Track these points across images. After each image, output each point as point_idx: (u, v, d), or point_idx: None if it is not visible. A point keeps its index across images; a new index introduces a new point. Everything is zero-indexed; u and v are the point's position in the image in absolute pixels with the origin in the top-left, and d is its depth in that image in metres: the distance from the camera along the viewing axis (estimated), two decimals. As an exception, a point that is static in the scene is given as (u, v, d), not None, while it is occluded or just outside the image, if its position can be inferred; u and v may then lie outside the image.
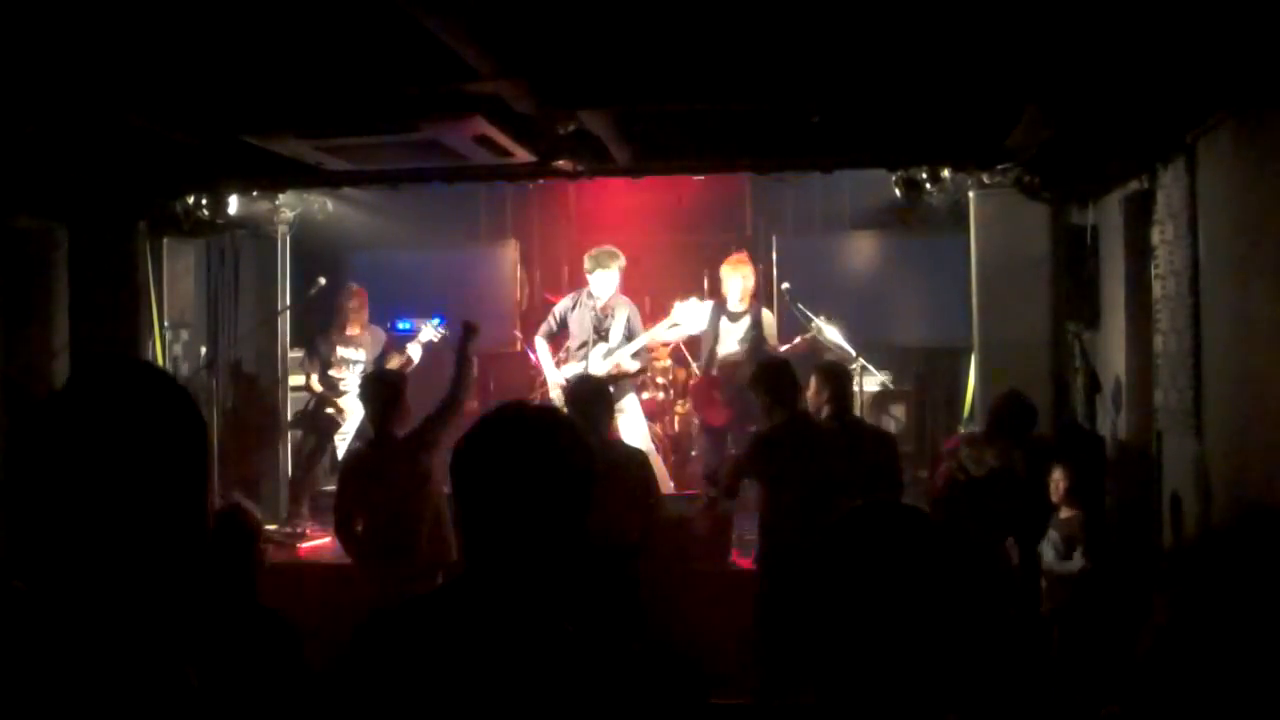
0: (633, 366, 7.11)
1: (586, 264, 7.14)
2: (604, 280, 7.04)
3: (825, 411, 5.19)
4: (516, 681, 1.47)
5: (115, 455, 1.25)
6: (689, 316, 7.11)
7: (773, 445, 5.02)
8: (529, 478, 1.57)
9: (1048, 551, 5.22)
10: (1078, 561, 5.14)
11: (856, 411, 6.03)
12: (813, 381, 5.31)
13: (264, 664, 3.06)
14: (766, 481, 4.99)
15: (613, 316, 7.09)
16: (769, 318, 7.27)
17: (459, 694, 1.49)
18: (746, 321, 7.18)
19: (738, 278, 7.17)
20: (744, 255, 7.43)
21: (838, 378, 5.35)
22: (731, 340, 7.18)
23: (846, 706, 1.39)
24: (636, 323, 7.13)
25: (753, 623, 4.98)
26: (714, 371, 7.21)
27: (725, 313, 7.27)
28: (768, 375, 5.21)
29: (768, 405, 5.10)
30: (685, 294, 7.33)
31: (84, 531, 1.24)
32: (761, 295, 7.46)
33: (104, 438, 1.25)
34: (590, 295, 7.15)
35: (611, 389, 6.60)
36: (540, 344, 7.29)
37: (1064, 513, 5.25)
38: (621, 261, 7.08)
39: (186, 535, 1.31)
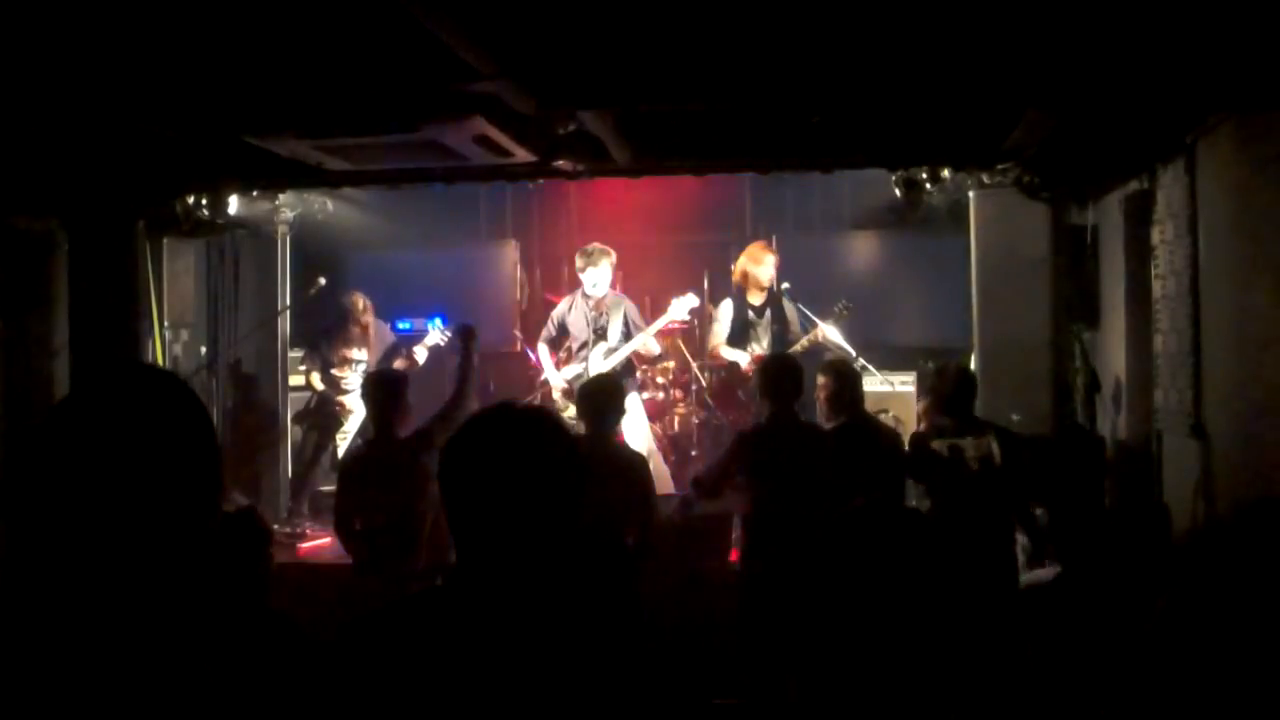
0: (655, 348, 7.13)
1: (578, 262, 7.16)
2: (596, 277, 7.05)
3: (832, 409, 5.19)
4: (508, 682, 1.47)
5: (127, 458, 1.25)
6: (680, 309, 7.13)
7: (755, 441, 5.03)
8: (515, 477, 1.57)
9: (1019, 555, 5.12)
10: (1049, 570, 5.15)
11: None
12: (819, 379, 5.32)
13: (271, 665, 3.06)
14: (748, 478, 5.00)
15: (609, 314, 7.10)
16: (790, 309, 7.27)
17: (452, 694, 1.49)
18: (768, 315, 7.22)
19: (765, 266, 7.19)
20: (765, 244, 7.44)
21: (843, 376, 5.35)
22: (761, 335, 7.19)
23: (847, 707, 1.39)
24: (635, 319, 7.14)
25: (737, 619, 5.00)
26: (742, 367, 7.22)
27: (750, 308, 7.27)
28: (762, 371, 5.25)
29: (762, 401, 5.15)
30: (682, 291, 7.34)
31: (96, 533, 1.24)
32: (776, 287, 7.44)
33: (116, 441, 1.25)
34: (585, 295, 7.16)
35: (627, 379, 6.65)
36: (542, 349, 7.33)
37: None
38: (612, 257, 7.09)
39: (198, 536, 1.31)
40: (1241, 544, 4.10)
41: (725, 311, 7.40)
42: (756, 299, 7.28)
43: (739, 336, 7.28)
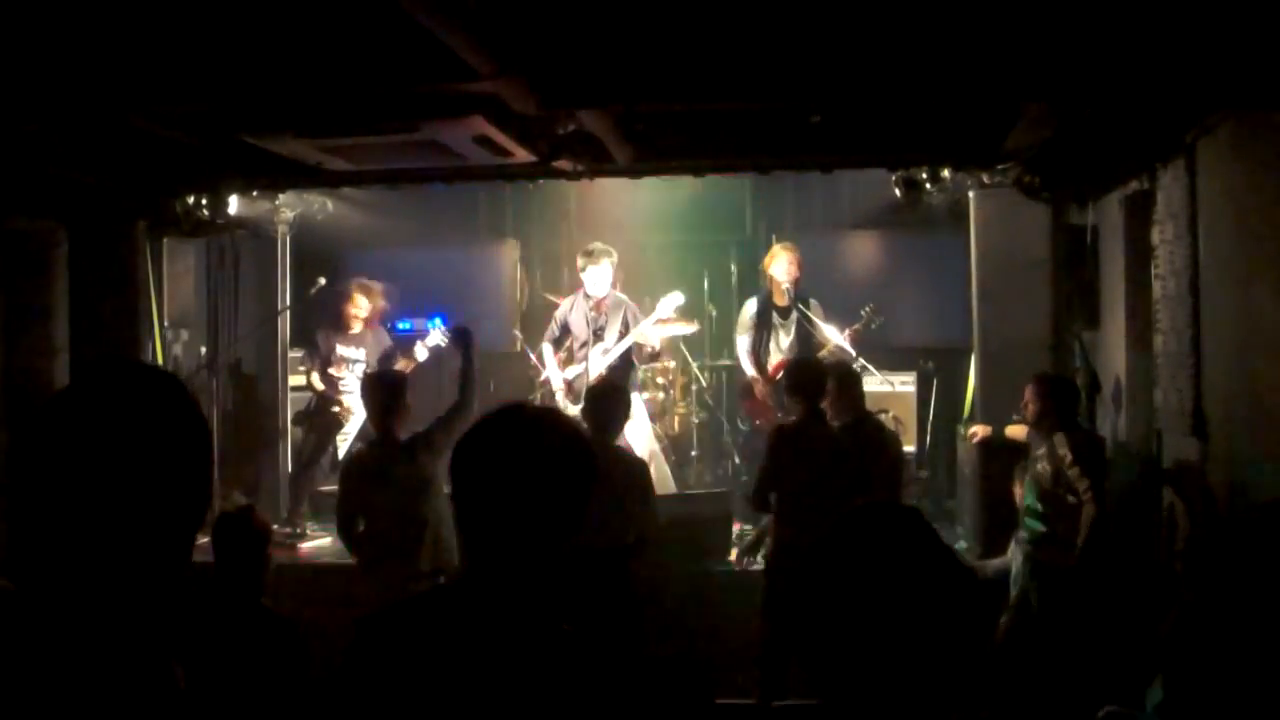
0: (655, 342, 7.08)
1: (579, 262, 7.16)
2: (596, 276, 7.03)
3: (835, 410, 5.22)
4: (514, 681, 1.47)
5: (118, 454, 1.25)
6: (667, 306, 7.08)
7: (784, 441, 5.05)
8: (527, 478, 1.57)
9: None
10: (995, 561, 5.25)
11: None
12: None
13: (266, 665, 3.06)
14: (779, 478, 5.01)
15: (609, 315, 7.09)
16: (817, 308, 7.13)
17: (457, 694, 1.49)
18: (794, 316, 7.13)
19: (777, 263, 7.10)
20: (787, 243, 7.33)
21: (842, 378, 5.39)
22: (785, 337, 7.12)
23: (848, 707, 1.39)
24: (631, 320, 7.12)
25: (760, 621, 5.01)
26: (766, 371, 7.17)
27: (775, 309, 7.19)
28: (789, 372, 5.29)
29: (790, 400, 5.21)
30: (668, 289, 7.30)
31: (85, 531, 1.24)
32: (804, 285, 7.31)
33: (107, 437, 1.25)
34: (586, 295, 7.15)
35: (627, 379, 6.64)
36: (545, 349, 7.31)
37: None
38: (613, 257, 7.07)
39: (185, 534, 1.31)
40: (1241, 544, 4.10)
41: (747, 313, 7.33)
42: (780, 300, 7.18)
43: (761, 339, 7.21)
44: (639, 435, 6.92)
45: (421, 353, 7.07)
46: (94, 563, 1.24)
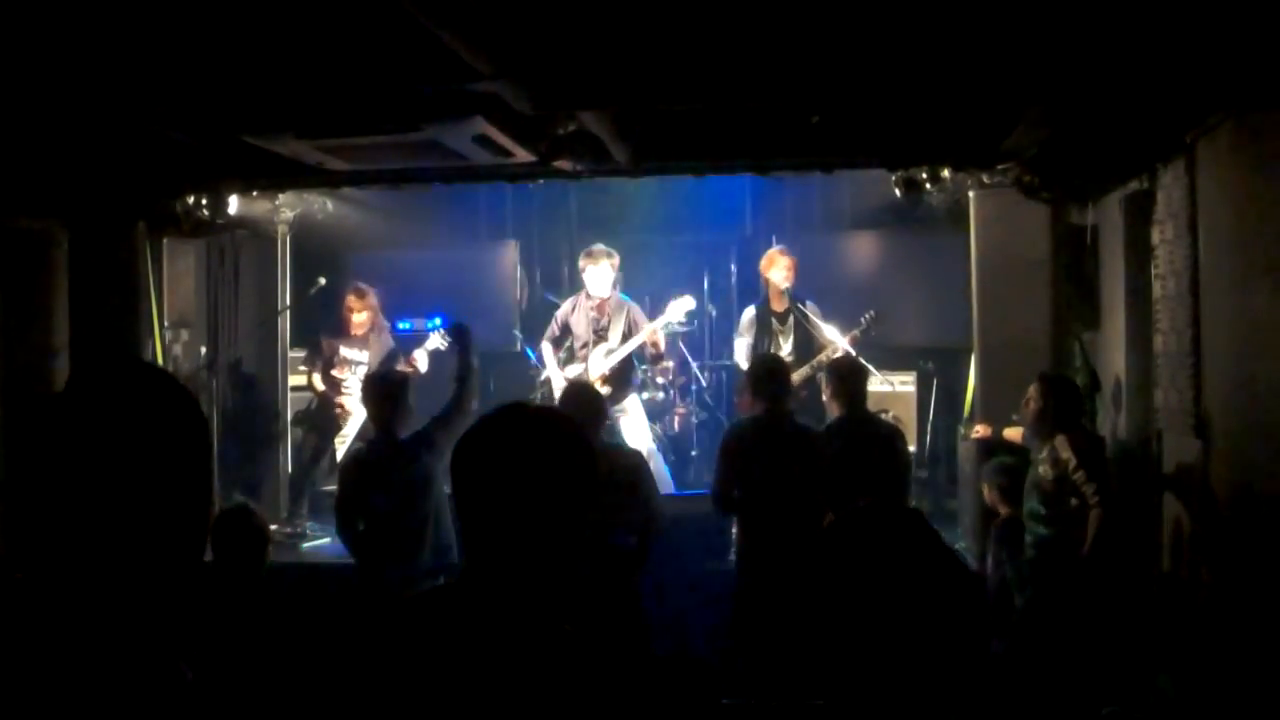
0: (661, 345, 7.06)
1: (581, 262, 7.15)
2: (597, 276, 7.02)
3: (836, 408, 5.21)
4: (515, 682, 1.47)
5: (117, 454, 1.25)
6: (677, 310, 7.06)
7: (739, 438, 5.04)
8: (529, 478, 1.57)
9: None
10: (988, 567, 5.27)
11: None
12: (825, 379, 5.34)
13: (264, 664, 3.07)
14: (738, 475, 5.01)
15: (611, 316, 7.09)
16: (814, 309, 7.05)
17: (458, 695, 1.49)
18: (791, 320, 7.08)
19: (775, 269, 7.04)
20: (782, 249, 7.27)
21: (840, 373, 5.38)
22: (785, 342, 7.08)
23: (850, 707, 1.39)
24: (635, 321, 7.11)
25: (731, 617, 5.01)
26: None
27: (773, 314, 7.14)
28: (750, 370, 5.28)
29: (754, 401, 5.19)
30: (680, 293, 7.29)
31: (86, 529, 1.24)
32: (800, 288, 7.22)
33: (107, 437, 1.25)
34: (588, 296, 7.15)
35: (612, 387, 6.64)
36: (545, 348, 7.30)
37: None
38: (614, 258, 7.06)
39: (188, 534, 1.31)
40: (1241, 543, 4.10)
41: (746, 318, 7.27)
42: (778, 305, 7.11)
43: (760, 344, 7.13)
44: (638, 435, 6.92)
45: (423, 360, 7.03)
46: (94, 563, 1.24)
